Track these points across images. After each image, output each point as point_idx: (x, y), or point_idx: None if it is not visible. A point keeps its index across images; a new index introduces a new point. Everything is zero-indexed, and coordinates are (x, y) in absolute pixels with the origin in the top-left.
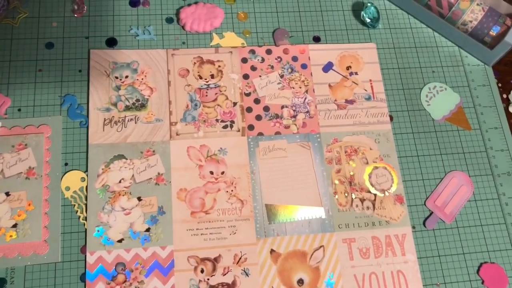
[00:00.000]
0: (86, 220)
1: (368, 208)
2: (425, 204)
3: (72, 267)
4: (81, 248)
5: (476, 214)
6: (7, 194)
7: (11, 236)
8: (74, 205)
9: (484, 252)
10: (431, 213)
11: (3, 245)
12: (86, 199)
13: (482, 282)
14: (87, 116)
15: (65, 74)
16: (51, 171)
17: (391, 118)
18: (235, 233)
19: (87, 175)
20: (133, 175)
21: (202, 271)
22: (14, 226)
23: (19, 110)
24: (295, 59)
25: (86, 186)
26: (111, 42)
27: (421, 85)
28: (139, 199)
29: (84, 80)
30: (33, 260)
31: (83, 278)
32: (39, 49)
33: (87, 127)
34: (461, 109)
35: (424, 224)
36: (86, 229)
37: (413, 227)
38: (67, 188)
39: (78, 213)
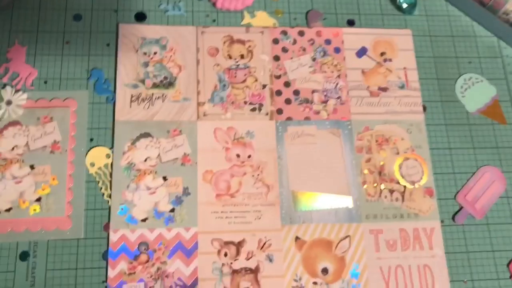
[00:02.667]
0: (110, 197)
1: (397, 199)
2: (455, 199)
3: (94, 244)
4: (104, 226)
5: (507, 211)
6: (32, 167)
7: (34, 210)
8: (99, 181)
9: None
10: (461, 208)
11: (27, 218)
12: (110, 176)
13: None
14: (114, 91)
15: (93, 48)
16: (76, 146)
17: (424, 108)
18: (260, 218)
19: (112, 152)
20: (159, 154)
21: (225, 254)
22: (38, 200)
23: (45, 82)
24: (328, 42)
25: (111, 163)
26: (140, 17)
27: (456, 76)
28: (165, 178)
29: (112, 54)
30: (56, 235)
31: (105, 255)
32: (66, 20)
33: (114, 103)
34: (496, 102)
35: (453, 218)
36: (109, 207)
37: (442, 221)
38: (92, 164)
39: (102, 190)
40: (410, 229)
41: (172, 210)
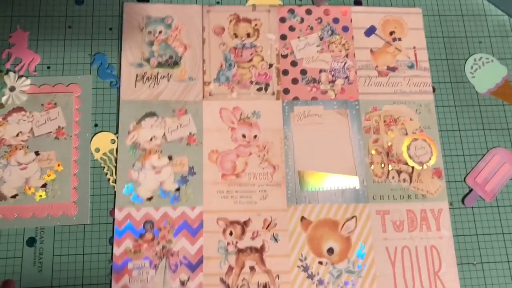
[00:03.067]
0: (115, 182)
1: (404, 180)
2: (464, 181)
3: (101, 229)
4: (110, 211)
5: None
6: (37, 153)
7: (40, 196)
8: (104, 167)
9: None
10: (471, 190)
11: (33, 205)
12: (116, 162)
13: None
14: (118, 76)
15: (95, 32)
16: (80, 132)
17: (434, 89)
18: (265, 198)
19: (117, 137)
20: (164, 134)
21: (231, 233)
22: (44, 186)
23: (48, 67)
24: (336, 21)
25: (116, 148)
26: None
27: (466, 56)
28: (170, 158)
29: (115, 38)
30: (62, 221)
31: (111, 241)
32: (68, 5)
33: (118, 88)
34: (508, 82)
35: (462, 201)
36: (115, 192)
37: (451, 204)
38: (97, 150)
39: (108, 176)
40: (417, 210)
41: (178, 189)
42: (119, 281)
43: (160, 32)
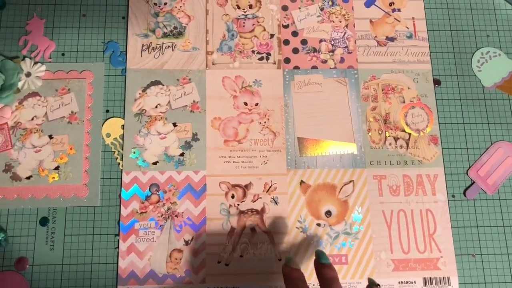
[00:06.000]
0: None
1: (401, 147)
2: (467, 174)
3: (110, 211)
4: (119, 195)
5: None
6: (50, 137)
7: (53, 177)
8: (114, 151)
9: None
10: (473, 183)
11: (46, 186)
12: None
13: None
14: (126, 46)
15: (108, 21)
16: (92, 117)
17: (439, 82)
18: (266, 163)
19: (124, 98)
20: (169, 101)
21: (232, 196)
22: (57, 168)
23: (63, 54)
24: None
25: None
26: None
27: (473, 50)
28: (175, 124)
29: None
30: (73, 202)
31: (119, 222)
32: None
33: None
34: None
35: (464, 193)
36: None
37: (453, 196)
38: (108, 135)
39: (118, 160)
40: (413, 175)
41: (182, 154)
42: (126, 240)
43: (165, 3)
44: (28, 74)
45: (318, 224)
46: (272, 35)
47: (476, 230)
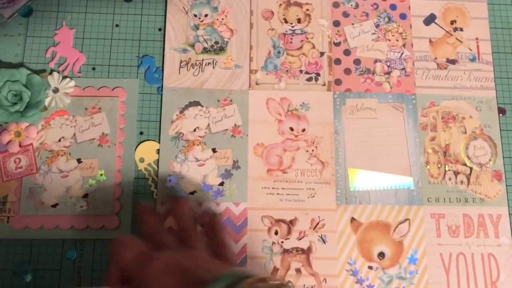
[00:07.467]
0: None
1: (462, 182)
2: None
3: None
4: None
5: None
6: (79, 161)
7: (81, 206)
8: (148, 179)
9: None
10: None
11: (73, 216)
12: None
13: None
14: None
15: (144, 32)
16: (125, 140)
17: (504, 111)
18: (313, 196)
19: (160, 120)
20: (208, 125)
21: (276, 233)
22: (85, 196)
23: (94, 68)
24: (393, 7)
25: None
26: None
27: None
28: (214, 150)
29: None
30: (102, 234)
31: None
32: (116, 1)
33: None
34: None
35: None
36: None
37: None
38: (141, 160)
39: (152, 188)
40: (475, 214)
41: (222, 184)
42: None
43: (206, 15)
44: (55, 90)
45: (370, 267)
46: (322, 53)
47: None
